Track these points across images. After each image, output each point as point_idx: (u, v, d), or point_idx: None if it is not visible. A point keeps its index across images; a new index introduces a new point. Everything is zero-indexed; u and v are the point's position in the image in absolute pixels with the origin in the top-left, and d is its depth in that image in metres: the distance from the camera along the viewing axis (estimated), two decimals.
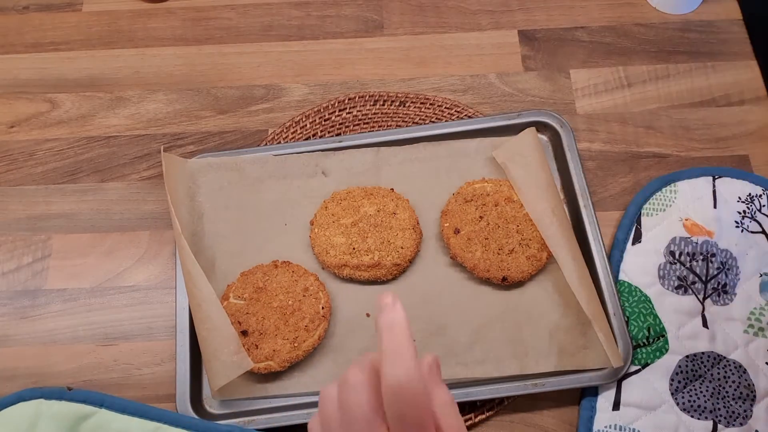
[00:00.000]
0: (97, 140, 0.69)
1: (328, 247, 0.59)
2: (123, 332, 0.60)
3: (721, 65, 0.71)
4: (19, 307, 0.61)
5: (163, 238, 0.64)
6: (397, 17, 0.74)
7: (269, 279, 0.57)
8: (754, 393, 0.56)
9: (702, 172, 0.64)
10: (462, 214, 0.59)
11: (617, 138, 0.67)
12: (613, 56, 0.72)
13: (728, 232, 0.61)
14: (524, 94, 0.70)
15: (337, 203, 0.60)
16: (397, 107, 0.68)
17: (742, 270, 0.60)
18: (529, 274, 0.58)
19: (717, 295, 0.59)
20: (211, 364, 0.53)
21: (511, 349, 0.56)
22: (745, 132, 0.67)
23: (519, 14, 0.74)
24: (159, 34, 0.74)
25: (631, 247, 0.61)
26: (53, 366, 0.59)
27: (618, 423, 0.55)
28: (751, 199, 0.62)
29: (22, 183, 0.67)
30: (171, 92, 0.71)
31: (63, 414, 0.51)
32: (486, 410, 0.56)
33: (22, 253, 0.64)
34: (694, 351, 0.57)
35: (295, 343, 0.55)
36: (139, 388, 0.58)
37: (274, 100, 0.70)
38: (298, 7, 0.75)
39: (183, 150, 0.68)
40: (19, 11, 0.76)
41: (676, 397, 0.56)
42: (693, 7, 0.74)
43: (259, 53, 0.73)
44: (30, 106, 0.71)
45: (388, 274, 0.58)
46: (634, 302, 0.59)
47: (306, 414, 0.54)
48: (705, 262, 0.60)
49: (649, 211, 0.62)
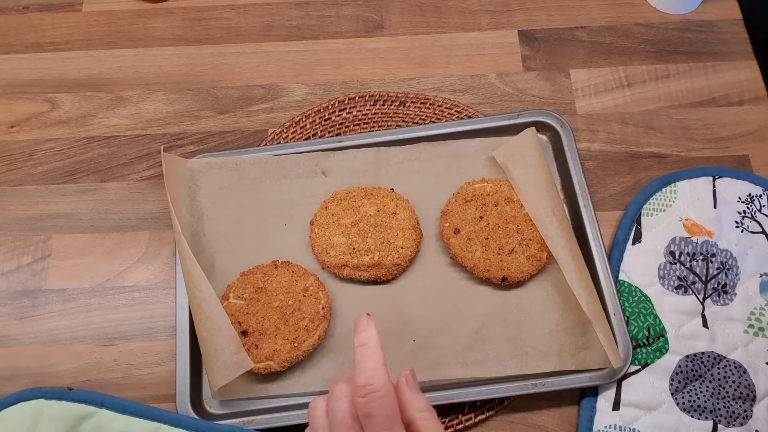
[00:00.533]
0: (97, 140, 0.69)
1: (328, 247, 0.59)
2: (123, 332, 0.60)
3: (721, 65, 0.71)
4: (18, 307, 0.61)
5: (163, 238, 0.64)
6: (397, 17, 0.74)
7: (269, 279, 0.57)
8: (754, 393, 0.56)
9: (702, 172, 0.64)
10: (462, 214, 0.59)
11: (617, 138, 0.67)
12: (613, 56, 0.72)
13: (728, 232, 0.61)
14: (524, 94, 0.70)
15: (337, 203, 0.60)
16: (397, 107, 0.68)
17: (742, 270, 0.60)
18: (529, 274, 0.58)
19: (717, 295, 0.59)
20: (211, 364, 0.53)
21: (510, 349, 0.56)
22: (745, 132, 0.67)
23: (519, 14, 0.74)
24: (159, 34, 0.74)
25: (631, 247, 0.61)
26: (53, 366, 0.59)
27: (618, 423, 0.55)
28: (751, 199, 0.62)
29: (22, 183, 0.67)
30: (171, 92, 0.71)
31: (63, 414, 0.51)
32: (486, 410, 0.56)
33: (22, 253, 0.64)
34: (694, 351, 0.57)
35: (295, 343, 0.55)
36: (139, 388, 0.58)
37: (274, 100, 0.70)
38: (298, 7, 0.75)
39: (183, 150, 0.68)
40: (19, 11, 0.76)
41: (676, 397, 0.56)
42: (693, 7, 0.74)
43: (259, 53, 0.73)
44: (30, 106, 0.71)
45: (388, 274, 0.58)
46: (634, 302, 0.59)
47: (306, 414, 0.54)
48: (705, 262, 0.60)
49: (649, 211, 0.62)
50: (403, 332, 0.57)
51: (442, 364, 0.56)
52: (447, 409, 0.56)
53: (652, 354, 0.57)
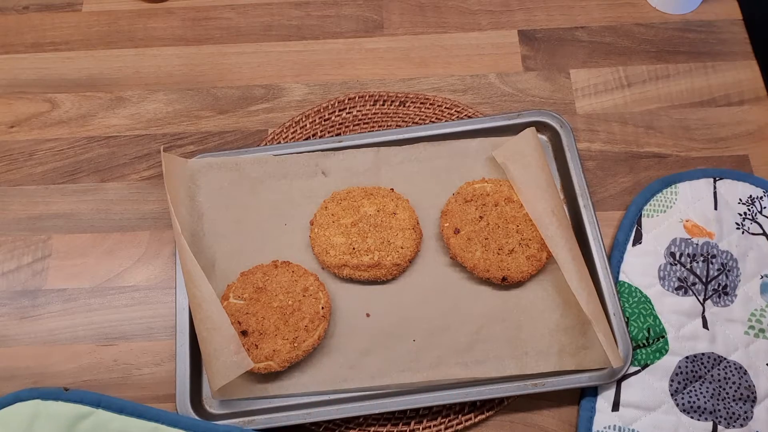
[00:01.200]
0: (97, 140, 0.69)
1: (328, 247, 0.59)
2: (123, 332, 0.60)
3: (721, 65, 0.71)
4: (19, 307, 0.61)
5: (163, 238, 0.64)
6: (397, 17, 0.74)
7: (269, 279, 0.57)
8: (755, 394, 0.56)
9: (703, 174, 0.63)
10: (462, 214, 0.59)
11: (617, 138, 0.67)
12: (613, 56, 0.72)
13: (729, 233, 0.61)
14: (524, 94, 0.70)
15: (337, 203, 0.60)
16: (397, 107, 0.68)
17: (742, 271, 0.60)
18: (529, 274, 0.58)
19: (717, 297, 0.59)
20: (211, 364, 0.53)
21: (510, 349, 0.56)
22: (745, 132, 0.67)
23: (519, 14, 0.74)
24: (159, 34, 0.74)
25: (631, 248, 0.61)
26: (53, 366, 0.59)
27: (617, 424, 0.55)
28: (752, 200, 0.62)
29: (22, 183, 0.67)
30: (171, 92, 0.71)
31: (60, 414, 0.51)
32: (486, 410, 0.56)
33: (22, 253, 0.64)
34: (694, 352, 0.57)
35: (295, 343, 0.55)
36: (139, 388, 0.58)
37: (274, 100, 0.70)
38: (298, 7, 0.75)
39: (183, 150, 0.68)
40: (19, 11, 0.76)
41: (676, 398, 0.56)
42: (693, 7, 0.74)
43: (259, 53, 0.73)
44: (30, 106, 0.71)
45: (388, 274, 0.58)
46: (634, 303, 0.59)
47: (306, 414, 0.54)
48: (705, 263, 0.60)
49: (650, 213, 0.62)
50: (403, 332, 0.57)
51: (442, 364, 0.56)
52: (447, 409, 0.56)
53: (651, 355, 0.57)
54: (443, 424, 0.56)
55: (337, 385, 0.56)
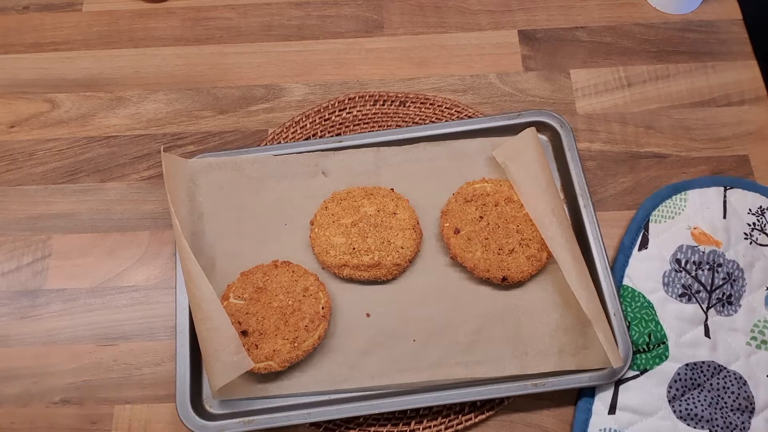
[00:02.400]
0: (97, 140, 0.69)
1: (328, 247, 0.59)
2: (123, 332, 0.60)
3: (721, 65, 0.71)
4: (19, 307, 0.61)
5: (163, 238, 0.64)
6: (397, 17, 0.74)
7: (269, 279, 0.57)
8: (753, 405, 0.56)
9: (713, 182, 0.63)
10: (462, 214, 0.59)
11: (617, 138, 0.67)
12: (613, 56, 0.72)
13: (736, 243, 0.61)
14: (524, 94, 0.70)
15: (337, 203, 0.60)
16: (397, 107, 0.68)
17: (748, 282, 0.60)
18: (529, 274, 0.58)
19: (721, 306, 0.59)
20: (212, 364, 0.53)
21: (510, 349, 0.56)
22: (745, 132, 0.67)
23: (519, 14, 0.74)
24: (159, 34, 0.74)
25: (637, 253, 0.61)
26: (53, 366, 0.59)
27: (613, 427, 0.55)
28: (762, 211, 0.62)
29: (22, 183, 0.67)
30: (171, 92, 0.71)
31: None
32: (486, 410, 0.56)
33: (22, 253, 0.64)
34: (695, 360, 0.57)
35: (295, 343, 0.55)
36: (139, 388, 0.58)
37: (274, 100, 0.70)
38: (298, 7, 0.75)
39: (183, 150, 0.68)
40: (19, 11, 0.76)
41: (674, 405, 0.56)
42: (693, 7, 0.74)
43: (259, 53, 0.73)
44: (30, 106, 0.71)
45: (388, 274, 0.58)
46: (636, 308, 0.59)
47: (306, 414, 0.54)
48: (711, 271, 0.60)
49: (658, 218, 0.62)
50: (403, 332, 0.57)
51: (442, 364, 0.56)
52: (447, 409, 0.56)
53: (651, 360, 0.57)
54: (443, 424, 0.56)
55: (337, 385, 0.56)
